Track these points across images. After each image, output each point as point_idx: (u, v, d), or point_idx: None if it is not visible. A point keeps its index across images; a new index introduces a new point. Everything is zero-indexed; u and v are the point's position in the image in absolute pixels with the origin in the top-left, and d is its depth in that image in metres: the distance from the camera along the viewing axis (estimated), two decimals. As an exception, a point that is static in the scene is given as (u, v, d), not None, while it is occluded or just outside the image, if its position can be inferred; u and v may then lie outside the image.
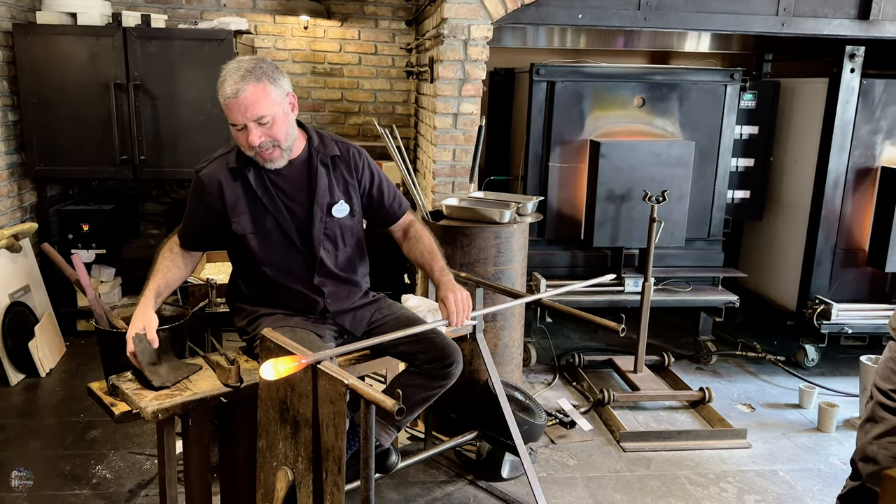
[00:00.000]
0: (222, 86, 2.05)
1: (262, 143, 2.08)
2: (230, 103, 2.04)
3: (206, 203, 2.21)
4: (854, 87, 3.87)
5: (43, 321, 3.90)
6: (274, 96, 2.08)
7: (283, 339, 1.87)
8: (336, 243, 2.30)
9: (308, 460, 1.81)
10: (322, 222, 2.24)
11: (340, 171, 2.30)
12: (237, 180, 2.19)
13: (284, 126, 2.12)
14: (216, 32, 4.16)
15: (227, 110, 2.07)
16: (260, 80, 2.04)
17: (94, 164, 4.20)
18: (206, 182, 2.19)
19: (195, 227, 2.27)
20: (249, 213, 2.20)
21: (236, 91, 2.02)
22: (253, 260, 2.26)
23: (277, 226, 2.21)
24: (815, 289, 4.08)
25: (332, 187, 2.27)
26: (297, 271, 2.26)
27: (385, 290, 2.65)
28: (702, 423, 3.46)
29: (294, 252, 2.25)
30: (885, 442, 1.88)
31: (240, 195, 2.19)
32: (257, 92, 2.03)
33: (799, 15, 3.74)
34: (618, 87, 4.03)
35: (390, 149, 3.28)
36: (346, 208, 2.29)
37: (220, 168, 2.20)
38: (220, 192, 2.18)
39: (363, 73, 5.20)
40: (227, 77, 2.04)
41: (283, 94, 2.12)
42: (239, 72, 2.04)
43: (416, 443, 3.18)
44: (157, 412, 1.96)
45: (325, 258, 2.28)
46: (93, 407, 3.25)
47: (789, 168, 4.38)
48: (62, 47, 4.05)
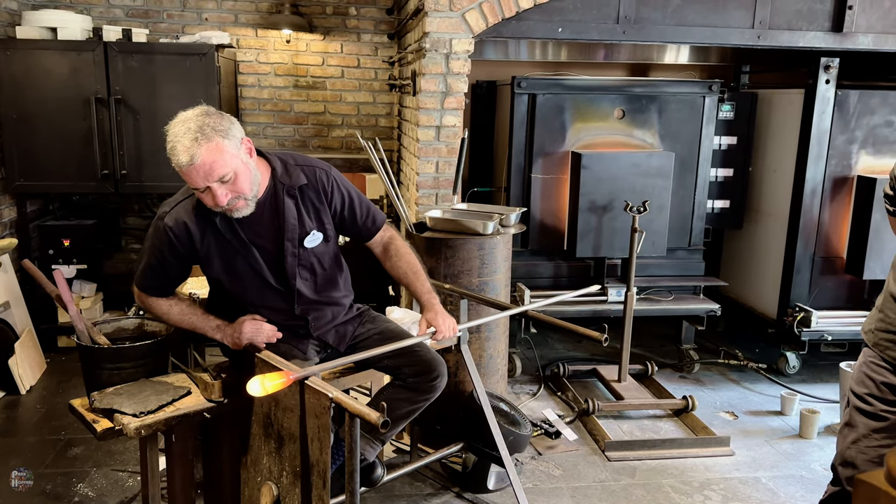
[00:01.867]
0: (174, 154, 1.93)
1: (229, 199, 2.00)
2: (187, 170, 1.93)
3: (175, 251, 2.11)
4: (829, 97, 3.94)
5: (23, 338, 3.86)
6: (230, 150, 1.96)
7: (276, 358, 1.87)
8: (313, 271, 2.26)
9: (293, 475, 1.80)
10: (295, 256, 2.19)
11: (309, 198, 2.21)
12: (204, 225, 2.11)
13: (247, 177, 2.02)
14: (198, 47, 4.16)
15: (185, 177, 1.96)
16: (211, 139, 1.92)
17: (75, 178, 4.18)
18: (175, 229, 2.08)
19: (165, 275, 2.17)
20: (220, 257, 2.14)
21: (191, 157, 1.90)
22: (233, 298, 2.23)
23: (249, 266, 2.16)
24: (794, 296, 4.13)
25: (302, 218, 2.19)
26: (276, 305, 2.23)
27: (369, 302, 2.65)
28: (685, 432, 3.49)
29: (270, 289, 2.21)
30: (863, 446, 1.91)
31: (210, 239, 2.12)
32: (212, 152, 1.92)
33: (774, 28, 3.81)
34: (598, 99, 4.07)
35: (373, 161, 3.29)
36: (318, 237, 2.22)
37: (184, 212, 2.10)
38: (188, 237, 2.10)
39: (346, 87, 5.21)
40: (177, 143, 1.92)
41: (238, 143, 2.01)
42: (188, 135, 1.92)
43: (402, 455, 3.18)
44: (139, 428, 1.95)
45: (303, 288, 2.24)
46: (74, 424, 3.22)
47: (768, 177, 4.44)
48: (42, 62, 4.03)
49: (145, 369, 2.23)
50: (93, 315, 4.35)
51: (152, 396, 2.07)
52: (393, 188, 3.31)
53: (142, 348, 2.24)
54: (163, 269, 2.15)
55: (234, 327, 2.14)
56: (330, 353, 2.37)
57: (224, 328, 2.16)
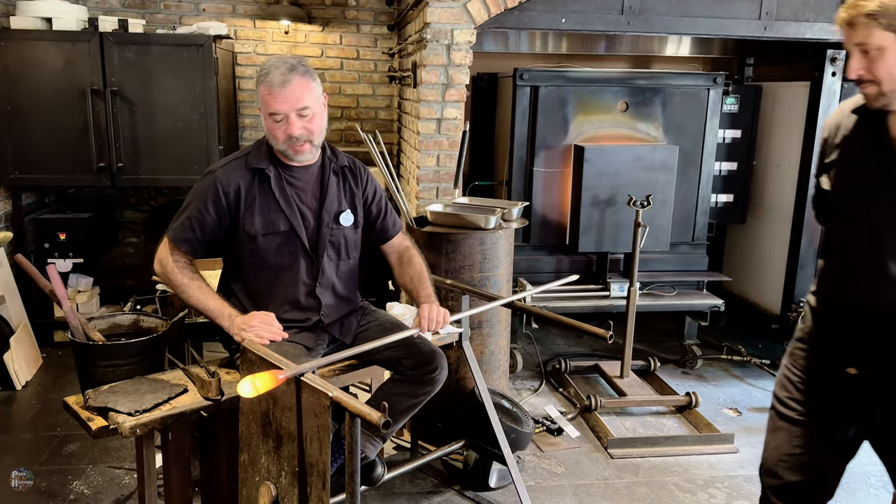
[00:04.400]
0: (267, 77, 2.12)
1: (300, 134, 2.15)
2: (277, 92, 2.10)
3: (218, 203, 2.18)
4: (835, 90, 3.89)
5: (18, 332, 3.81)
6: (316, 91, 2.19)
7: (264, 350, 1.83)
8: (339, 252, 2.35)
9: (291, 475, 1.76)
10: (329, 228, 2.30)
11: (349, 182, 2.38)
12: (255, 181, 2.22)
13: (321, 122, 2.21)
14: (195, 37, 4.10)
15: (270, 100, 2.12)
16: (304, 76, 2.14)
17: (70, 171, 4.12)
18: (223, 180, 2.19)
19: (202, 229, 2.20)
20: (262, 215, 2.22)
21: (284, 81, 2.10)
22: (256, 265, 2.25)
23: (289, 227, 2.24)
24: (798, 292, 4.09)
25: (341, 197, 2.34)
26: (299, 277, 2.27)
27: (368, 297, 2.62)
28: (689, 429, 3.45)
29: (300, 256, 2.27)
30: (784, 454, 1.81)
31: (255, 194, 2.21)
32: (304, 84, 2.13)
33: (781, 19, 3.76)
34: (601, 91, 4.02)
35: (374, 155, 3.24)
36: (351, 218, 2.35)
37: (237, 169, 2.22)
38: (235, 191, 2.19)
39: (345, 79, 5.15)
40: (273, 69, 2.12)
41: (321, 91, 2.23)
42: (286, 65, 2.13)
43: (402, 453, 3.14)
44: (134, 427, 1.91)
45: (327, 266, 2.32)
46: (70, 421, 3.17)
47: (772, 172, 4.39)
48: (37, 53, 3.97)
49: (141, 366, 2.19)
50: (89, 310, 4.30)
51: (148, 394, 2.03)
52: (393, 182, 3.26)
53: (137, 345, 2.20)
54: (200, 222, 2.19)
55: (245, 318, 2.14)
56: (333, 348, 2.36)
57: (234, 318, 2.15)
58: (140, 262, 4.91)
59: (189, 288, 2.18)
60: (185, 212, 2.21)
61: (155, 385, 2.09)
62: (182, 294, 2.21)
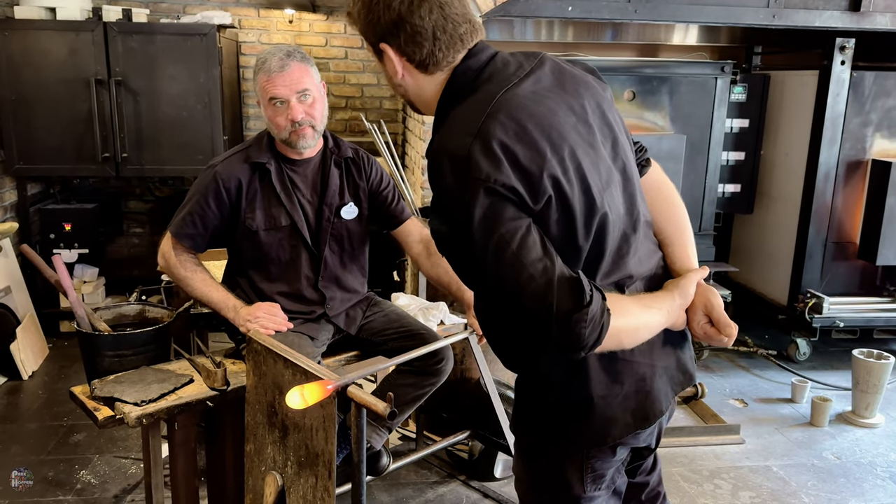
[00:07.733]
0: (264, 64, 2.13)
1: (302, 119, 2.13)
2: (276, 77, 2.10)
3: (219, 198, 2.18)
4: (844, 79, 3.85)
5: (25, 323, 3.82)
6: (315, 77, 2.19)
7: (269, 340, 1.82)
8: (342, 245, 2.32)
9: (297, 465, 1.76)
10: (329, 222, 2.27)
11: (352, 173, 2.35)
12: (255, 175, 2.21)
13: (322, 107, 2.20)
14: (199, 27, 4.08)
15: (269, 86, 2.12)
16: (302, 61, 2.15)
17: (75, 162, 4.12)
18: (223, 174, 2.18)
19: (203, 224, 2.20)
20: (263, 209, 2.21)
21: (283, 66, 2.11)
22: (258, 259, 2.24)
23: (290, 222, 2.23)
24: (806, 282, 4.07)
25: (343, 189, 2.31)
26: (302, 271, 2.26)
27: (374, 287, 2.61)
28: (695, 419, 3.44)
29: (301, 250, 2.25)
30: None
31: (256, 189, 2.21)
32: (302, 69, 2.14)
33: (789, 7, 3.71)
34: (608, 80, 3.95)
35: (378, 144, 3.23)
36: (354, 211, 2.33)
37: (237, 163, 2.21)
38: (236, 186, 2.18)
39: (350, 68, 5.13)
40: (270, 57, 2.13)
41: (320, 80, 2.23)
42: (283, 51, 2.14)
43: (408, 443, 3.14)
44: (140, 417, 1.91)
45: (329, 258, 2.29)
46: (76, 410, 3.16)
47: (780, 161, 4.36)
48: (41, 43, 3.96)
49: (147, 357, 2.18)
50: (95, 300, 4.31)
51: (154, 384, 2.02)
52: (398, 171, 3.25)
53: (143, 335, 2.19)
54: (202, 217, 2.19)
55: (250, 309, 2.14)
56: (339, 338, 2.35)
57: (239, 309, 2.16)
58: (145, 253, 4.91)
59: (193, 281, 2.19)
60: (187, 206, 2.20)
61: (161, 375, 2.09)
62: (186, 287, 2.22)
